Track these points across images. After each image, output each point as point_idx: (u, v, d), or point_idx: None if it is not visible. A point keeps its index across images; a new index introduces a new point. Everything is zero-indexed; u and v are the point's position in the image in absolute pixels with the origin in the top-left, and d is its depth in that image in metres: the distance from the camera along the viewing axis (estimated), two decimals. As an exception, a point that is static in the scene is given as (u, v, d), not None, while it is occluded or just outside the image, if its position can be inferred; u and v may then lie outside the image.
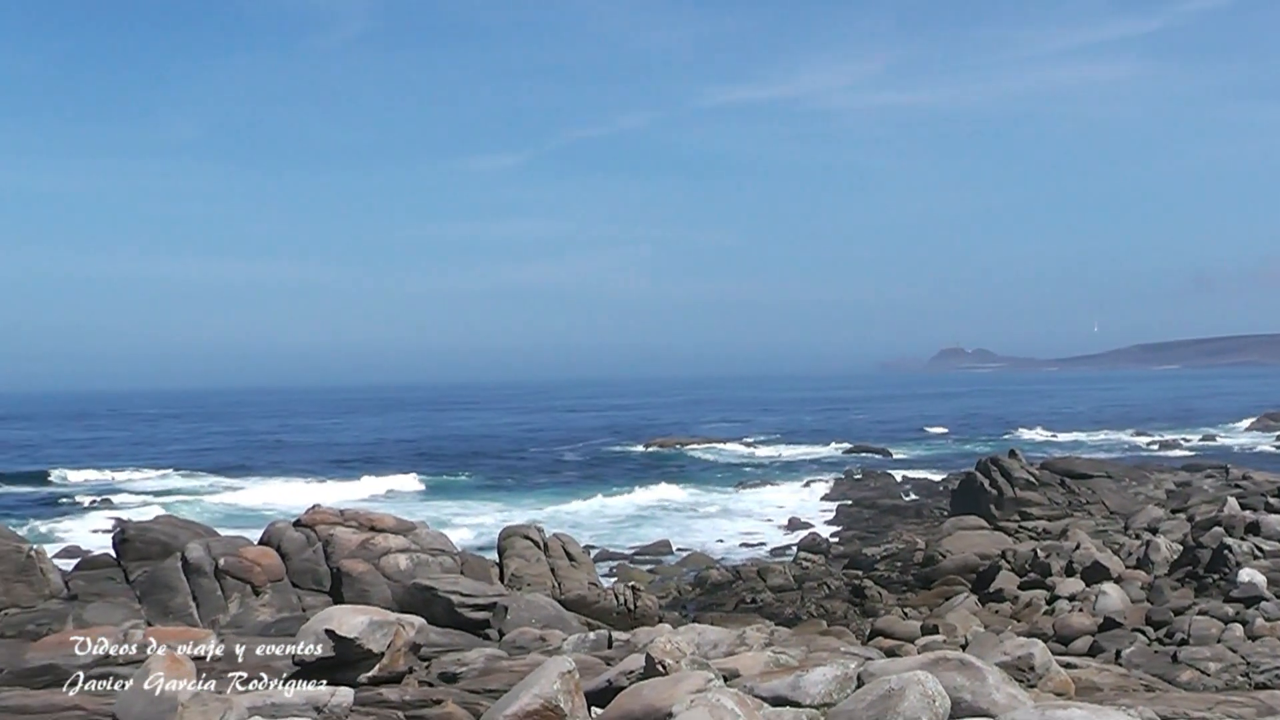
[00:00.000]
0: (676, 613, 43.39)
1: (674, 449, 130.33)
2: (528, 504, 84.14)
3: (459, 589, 29.75)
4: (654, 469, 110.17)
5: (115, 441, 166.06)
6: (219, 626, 29.31)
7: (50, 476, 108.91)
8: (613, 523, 75.06)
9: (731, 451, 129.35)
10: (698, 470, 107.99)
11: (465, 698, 19.73)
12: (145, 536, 35.76)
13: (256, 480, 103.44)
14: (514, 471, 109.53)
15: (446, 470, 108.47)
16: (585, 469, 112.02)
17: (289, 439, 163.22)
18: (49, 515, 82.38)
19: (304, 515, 35.80)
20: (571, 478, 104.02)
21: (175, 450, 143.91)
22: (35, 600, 32.73)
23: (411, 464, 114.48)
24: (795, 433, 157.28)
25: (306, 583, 33.20)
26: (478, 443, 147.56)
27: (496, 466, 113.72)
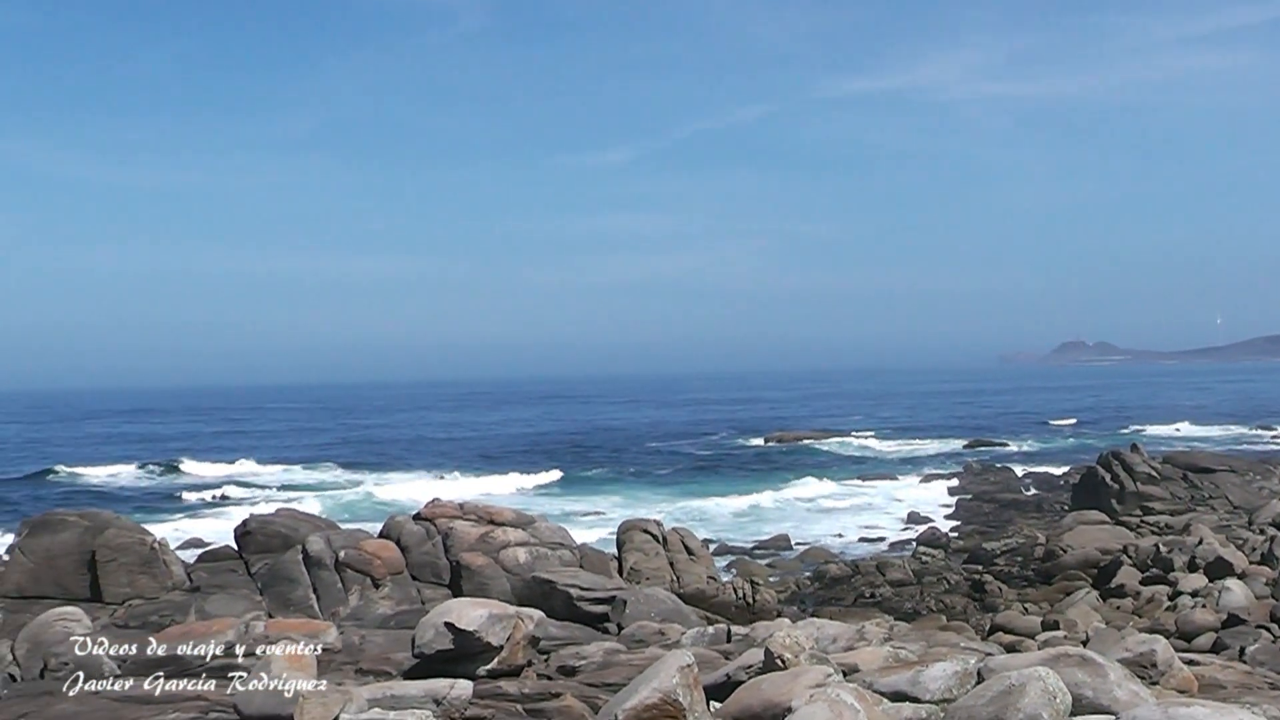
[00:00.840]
0: (795, 607, 43.32)
1: (793, 443, 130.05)
2: (646, 497, 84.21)
3: (578, 582, 29.82)
4: (773, 463, 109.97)
5: (240, 435, 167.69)
6: (339, 619, 29.52)
7: (176, 470, 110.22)
8: (731, 517, 74.98)
9: (851, 445, 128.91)
10: (817, 464, 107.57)
11: (584, 691, 19.77)
12: (267, 529, 36.04)
13: (382, 474, 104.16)
14: (632, 465, 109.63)
15: (566, 464, 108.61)
16: (704, 463, 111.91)
17: (412, 433, 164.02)
18: (173, 508, 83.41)
19: (423, 509, 35.98)
20: (690, 472, 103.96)
21: (299, 444, 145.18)
22: (158, 592, 33.06)
23: (532, 458, 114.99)
24: (915, 426, 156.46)
25: (426, 576, 33.36)
26: (596, 437, 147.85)
27: (614, 460, 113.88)
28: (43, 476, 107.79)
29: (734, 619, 32.43)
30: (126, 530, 35.27)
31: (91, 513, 37.61)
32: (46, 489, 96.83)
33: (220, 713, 18.74)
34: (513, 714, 18.69)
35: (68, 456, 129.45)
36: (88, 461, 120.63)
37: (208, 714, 18.84)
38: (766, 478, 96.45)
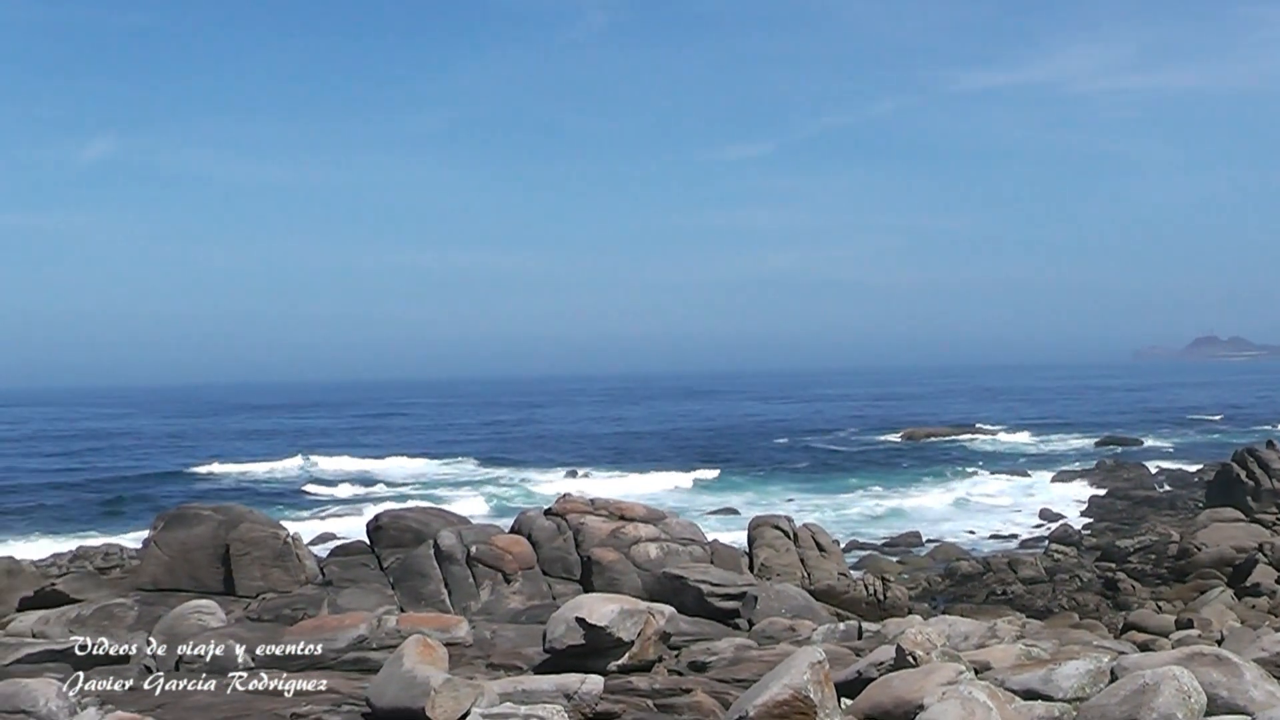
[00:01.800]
0: (926, 604, 43.11)
1: (925, 439, 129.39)
2: (777, 493, 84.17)
3: (709, 578, 29.78)
4: (904, 459, 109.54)
5: (374, 431, 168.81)
6: (470, 613, 29.64)
7: (310, 465, 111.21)
8: (862, 513, 74.77)
9: (983, 441, 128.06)
10: (948, 460, 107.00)
11: (714, 687, 19.75)
12: (398, 524, 36.24)
13: (517, 470, 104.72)
14: (762, 461, 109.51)
15: (696, 460, 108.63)
16: (835, 459, 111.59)
17: (545, 429, 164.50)
18: (306, 502, 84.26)
19: (554, 504, 36.05)
20: (821, 468, 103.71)
21: (433, 439, 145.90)
22: (291, 586, 33.34)
23: (663, 454, 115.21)
24: (1047, 423, 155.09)
25: (557, 571, 33.42)
26: (727, 433, 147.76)
27: (745, 456, 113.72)
28: (179, 471, 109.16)
29: (865, 615, 32.32)
30: (260, 524, 35.62)
31: (225, 507, 38.02)
32: (182, 484, 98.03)
33: (352, 706, 18.86)
34: (643, 709, 18.70)
35: (204, 452, 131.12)
36: (223, 456, 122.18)
37: (340, 707, 18.97)
38: (897, 474, 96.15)
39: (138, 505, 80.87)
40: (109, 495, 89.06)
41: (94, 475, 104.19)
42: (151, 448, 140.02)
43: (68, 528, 71.21)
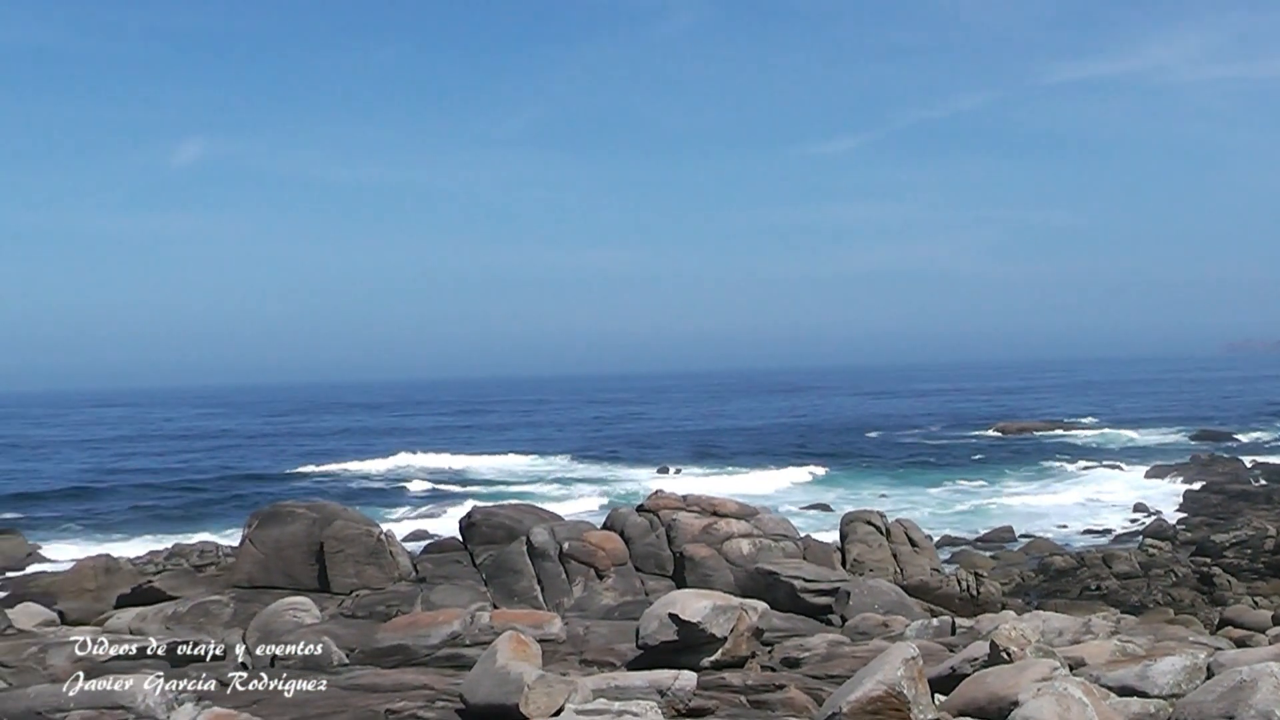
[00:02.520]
0: (1020, 599, 42.89)
1: (1018, 434, 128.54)
2: (869, 488, 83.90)
3: (801, 574, 29.76)
4: (998, 453, 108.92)
5: (465, 427, 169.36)
6: (563, 610, 29.71)
7: (401, 462, 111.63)
8: (955, 508, 74.46)
9: (1077, 435, 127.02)
10: (1042, 455, 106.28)
11: (807, 683, 19.72)
12: (491, 521, 36.38)
13: (613, 467, 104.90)
14: (855, 456, 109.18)
15: (790, 456, 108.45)
16: (928, 453, 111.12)
17: (637, 426, 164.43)
18: (399, 499, 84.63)
19: (647, 500, 36.11)
20: (913, 462, 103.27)
21: (523, 435, 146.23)
22: (385, 582, 33.51)
23: (757, 451, 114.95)
24: (1140, 416, 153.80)
25: (649, 567, 33.47)
26: (820, 428, 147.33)
27: (838, 451, 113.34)
28: (274, 470, 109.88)
29: (958, 611, 32.19)
30: (354, 521, 35.83)
31: (319, 504, 38.26)
32: (277, 482, 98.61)
33: (446, 702, 18.92)
34: (736, 705, 18.68)
35: (299, 450, 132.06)
36: (318, 454, 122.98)
37: (434, 703, 19.03)
38: (990, 469, 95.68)
39: (233, 503, 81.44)
40: (205, 494, 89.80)
41: (190, 474, 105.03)
42: (247, 446, 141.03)
43: (164, 526, 71.82)
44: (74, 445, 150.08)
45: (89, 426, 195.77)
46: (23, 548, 61.29)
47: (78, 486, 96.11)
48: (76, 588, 40.86)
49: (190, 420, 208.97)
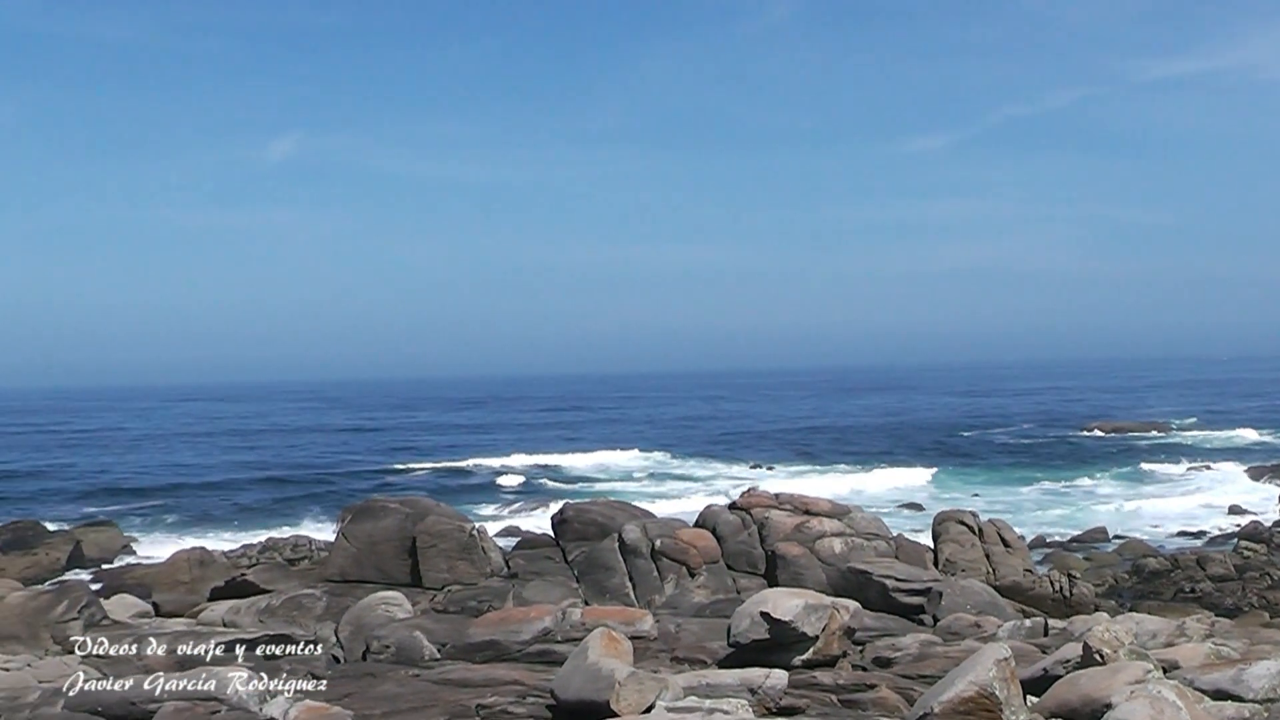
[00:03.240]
0: (1113, 601, 42.59)
1: (1111, 433, 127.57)
2: (960, 488, 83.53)
3: (893, 573, 29.66)
4: (1090, 453, 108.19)
5: (558, 424, 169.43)
6: (655, 607, 29.71)
7: (494, 458, 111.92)
8: (1047, 508, 74.00)
9: (1171, 435, 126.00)
10: (1135, 454, 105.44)
11: (899, 683, 19.66)
12: (583, 517, 36.44)
13: (700, 464, 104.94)
14: (948, 455, 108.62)
15: (878, 454, 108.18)
16: (1019, 452, 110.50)
17: (730, 423, 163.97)
18: (492, 495, 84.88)
19: (739, 498, 36.09)
20: (1004, 461, 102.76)
21: (616, 432, 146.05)
22: (477, 578, 33.62)
23: (844, 449, 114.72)
24: (1238, 417, 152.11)
25: (741, 565, 33.43)
26: (908, 426, 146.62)
27: (928, 451, 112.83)
28: (367, 465, 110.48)
29: (1050, 612, 32.00)
30: (446, 517, 35.97)
31: (412, 499, 38.47)
32: (371, 477, 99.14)
33: (537, 697, 18.97)
34: (827, 705, 18.65)
35: (392, 445, 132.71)
36: (411, 450, 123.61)
37: (525, 698, 19.08)
38: (1083, 468, 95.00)
39: (326, 498, 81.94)
40: (299, 488, 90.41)
41: (285, 469, 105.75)
42: (341, 441, 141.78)
43: (258, 520, 72.33)
44: (170, 439, 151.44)
45: (185, 421, 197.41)
46: (118, 540, 61.91)
47: (173, 480, 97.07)
48: (171, 580, 41.23)
49: (284, 415, 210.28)
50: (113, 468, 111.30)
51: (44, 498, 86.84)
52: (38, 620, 30.36)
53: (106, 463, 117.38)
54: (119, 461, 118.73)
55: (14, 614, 30.70)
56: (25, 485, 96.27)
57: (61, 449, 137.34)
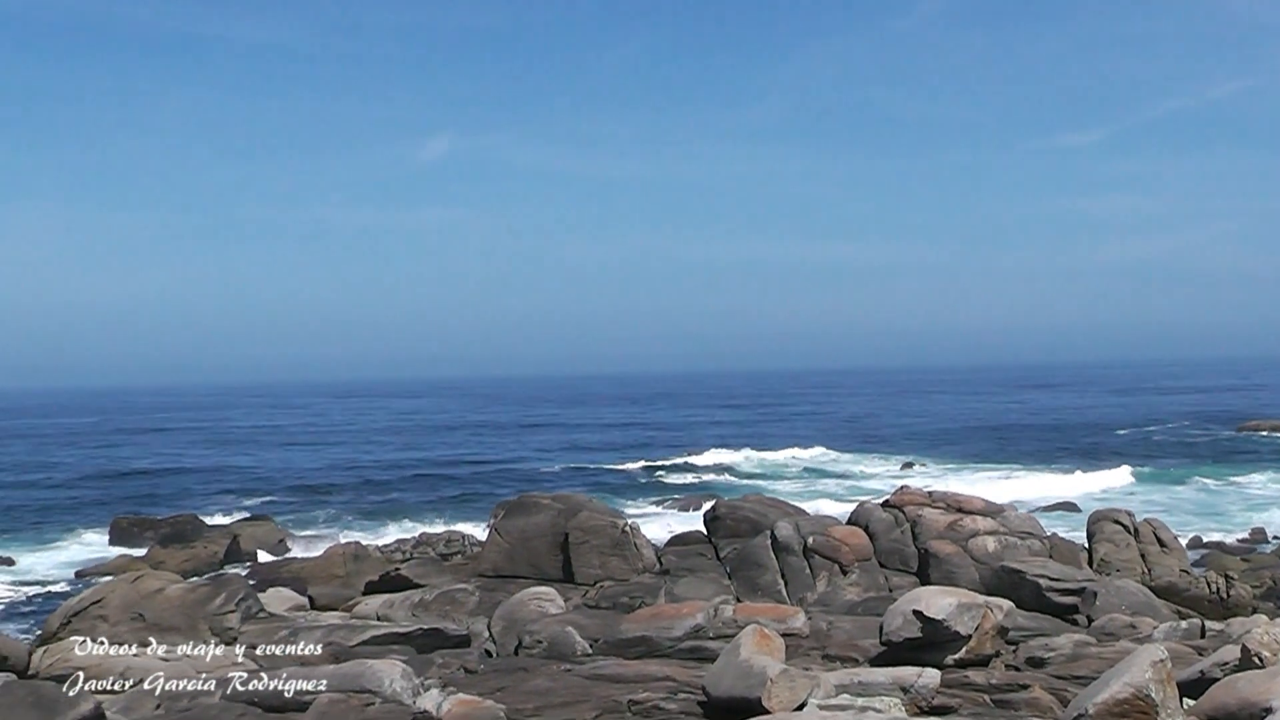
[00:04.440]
0: (1272, 603, 41.91)
1: (1272, 433, 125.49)
2: (1115, 487, 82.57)
3: (1047, 572, 29.41)
4: (1246, 452, 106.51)
5: (712, 421, 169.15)
6: (807, 604, 29.67)
7: (647, 454, 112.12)
8: (1205, 508, 73.02)
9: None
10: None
11: (1052, 683, 19.50)
12: (736, 514, 36.46)
13: (854, 461, 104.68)
14: (1102, 454, 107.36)
15: (1032, 453, 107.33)
16: (1175, 451, 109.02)
17: (885, 421, 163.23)
18: (644, 491, 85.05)
19: (892, 496, 35.94)
20: (1161, 460, 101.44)
21: (769, 429, 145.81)
22: (629, 574, 33.71)
23: (1001, 446, 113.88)
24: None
25: (893, 563, 33.29)
26: (1064, 425, 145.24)
27: (1084, 449, 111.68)
28: (521, 461, 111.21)
29: (1207, 614, 31.57)
30: (599, 513, 36.10)
31: (564, 495, 38.64)
32: (523, 473, 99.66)
33: (688, 694, 18.99)
34: (980, 704, 18.54)
35: (545, 442, 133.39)
36: (564, 446, 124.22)
37: (676, 694, 19.11)
38: (1243, 467, 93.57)
39: (481, 494, 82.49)
40: (453, 484, 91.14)
41: (440, 464, 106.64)
42: (495, 437, 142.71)
43: (412, 514, 72.95)
44: (327, 435, 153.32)
45: (343, 417, 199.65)
46: (275, 534, 62.68)
47: (329, 476, 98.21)
48: (326, 574, 41.73)
49: (441, 412, 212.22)
50: (270, 463, 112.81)
51: (203, 493, 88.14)
52: (196, 612, 30.79)
53: (264, 458, 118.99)
54: (276, 457, 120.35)
55: (173, 606, 31.16)
56: (185, 481, 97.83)
57: (220, 445, 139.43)
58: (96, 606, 31.69)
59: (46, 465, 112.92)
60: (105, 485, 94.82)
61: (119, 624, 30.97)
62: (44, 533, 67.83)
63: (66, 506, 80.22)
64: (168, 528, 61.41)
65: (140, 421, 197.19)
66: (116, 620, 31.06)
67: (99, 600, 31.88)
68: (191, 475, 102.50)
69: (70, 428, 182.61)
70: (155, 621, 30.75)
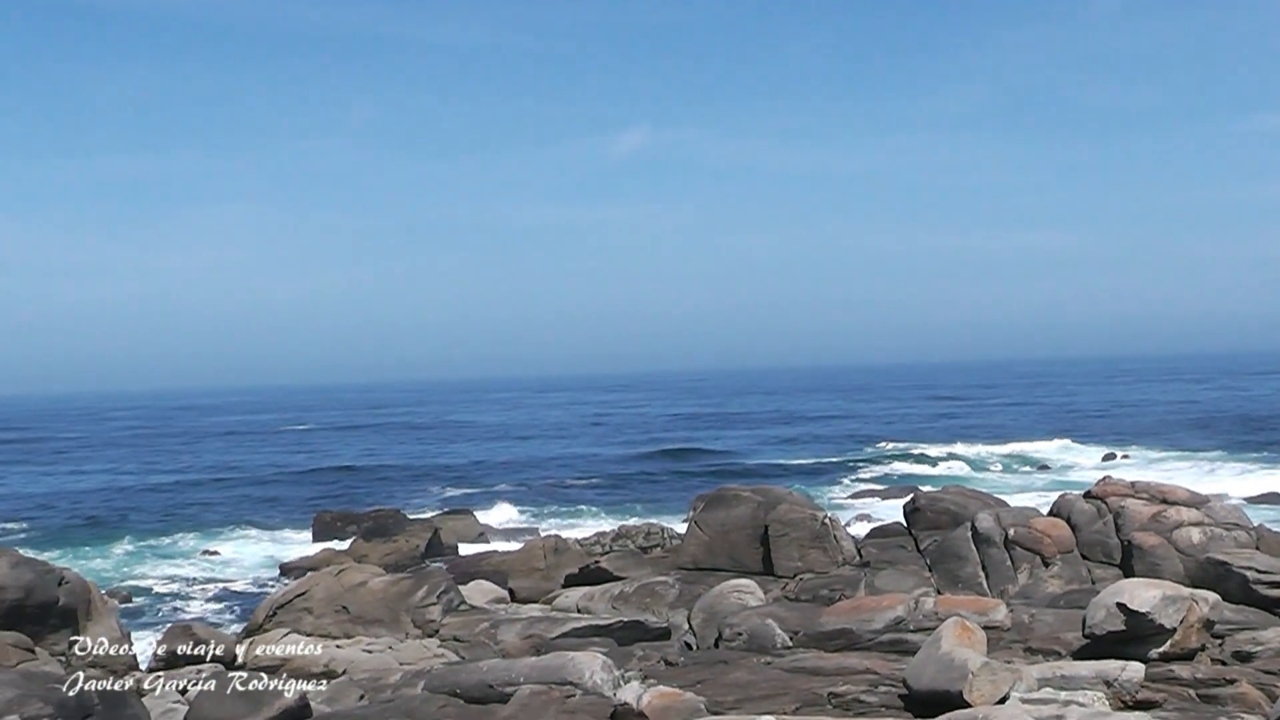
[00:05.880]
0: None
1: None
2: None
3: (1254, 565, 28.89)
4: None
5: (912, 414, 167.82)
6: (1008, 597, 29.42)
7: (845, 446, 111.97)
8: None
9: None
10: None
11: (1260, 678, 19.20)
12: (935, 506, 36.27)
13: (1059, 452, 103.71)
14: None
15: (1238, 442, 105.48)
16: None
17: (1083, 410, 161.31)
18: (843, 483, 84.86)
19: (1094, 487, 35.51)
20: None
21: (967, 422, 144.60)
22: (829, 566, 33.66)
23: (1198, 435, 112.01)
24: None
25: (1096, 555, 32.89)
26: (1264, 414, 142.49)
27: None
28: (717, 453, 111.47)
29: None
30: (798, 506, 36.08)
31: (764, 488, 38.65)
32: (721, 465, 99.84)
33: (889, 686, 18.94)
34: (1185, 699, 18.31)
35: (738, 436, 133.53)
36: (763, 439, 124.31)
37: (877, 687, 19.06)
38: None
39: (678, 486, 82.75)
40: (650, 476, 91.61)
41: (635, 458, 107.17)
42: (690, 430, 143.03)
43: (610, 507, 73.38)
44: (523, 429, 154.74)
45: (537, 411, 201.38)
46: (474, 528, 63.33)
47: (526, 469, 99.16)
48: (526, 567, 42.04)
49: (634, 406, 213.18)
50: (469, 457, 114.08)
51: (403, 487, 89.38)
52: (399, 605, 31.23)
53: (463, 452, 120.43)
54: (475, 450, 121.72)
55: (376, 599, 31.62)
56: (385, 475, 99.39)
57: (417, 440, 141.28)
58: (301, 599, 32.28)
59: (249, 462, 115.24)
60: (307, 480, 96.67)
61: (323, 616, 31.53)
62: (250, 528, 69.14)
63: (270, 502, 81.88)
64: (370, 521, 62.25)
65: (338, 418, 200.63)
66: (321, 613, 31.62)
67: (303, 593, 32.47)
68: (391, 469, 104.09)
69: (268, 424, 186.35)
70: (358, 614, 31.25)
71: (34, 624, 28.39)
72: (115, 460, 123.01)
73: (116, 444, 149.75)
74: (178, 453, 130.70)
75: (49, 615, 29.10)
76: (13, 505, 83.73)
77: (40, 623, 28.73)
